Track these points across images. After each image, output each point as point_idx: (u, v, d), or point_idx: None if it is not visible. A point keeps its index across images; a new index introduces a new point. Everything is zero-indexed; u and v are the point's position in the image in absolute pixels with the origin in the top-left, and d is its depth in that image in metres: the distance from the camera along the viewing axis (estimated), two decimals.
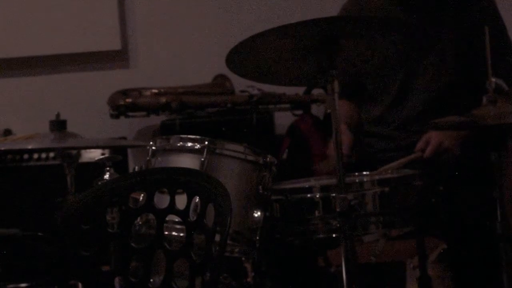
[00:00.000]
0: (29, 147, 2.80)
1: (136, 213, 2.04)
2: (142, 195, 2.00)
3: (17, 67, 3.82)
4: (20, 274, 2.91)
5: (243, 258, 2.40)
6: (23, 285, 2.92)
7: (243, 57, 2.20)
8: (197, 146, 2.28)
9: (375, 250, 2.44)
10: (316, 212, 2.28)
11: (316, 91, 3.63)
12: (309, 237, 2.33)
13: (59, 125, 2.64)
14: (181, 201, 1.90)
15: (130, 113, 3.65)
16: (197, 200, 1.89)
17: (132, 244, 1.96)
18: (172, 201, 1.90)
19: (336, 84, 2.12)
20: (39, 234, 2.56)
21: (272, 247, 2.39)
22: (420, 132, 2.64)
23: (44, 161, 3.45)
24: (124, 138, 3.67)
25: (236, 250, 2.29)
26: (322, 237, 2.30)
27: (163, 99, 3.62)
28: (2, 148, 3.13)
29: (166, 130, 3.49)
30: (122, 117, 3.65)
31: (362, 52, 2.23)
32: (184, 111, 3.60)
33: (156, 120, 3.67)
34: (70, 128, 2.69)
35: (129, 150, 3.59)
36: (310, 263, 2.59)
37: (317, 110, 3.66)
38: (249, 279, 2.49)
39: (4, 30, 3.71)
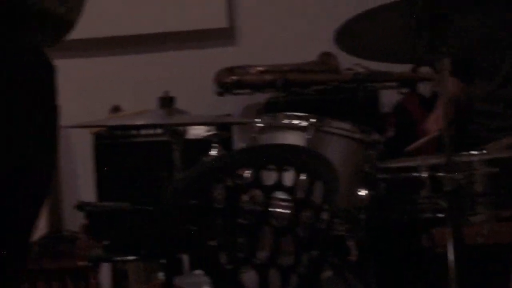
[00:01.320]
0: (139, 123, 2.84)
1: (243, 189, 2.06)
2: (249, 171, 2.02)
3: (127, 45, 3.89)
4: (127, 247, 2.97)
5: (347, 236, 2.39)
6: (131, 258, 2.98)
7: (352, 34, 2.18)
8: (304, 123, 2.28)
9: (482, 231, 2.39)
10: (423, 192, 2.25)
11: (423, 69, 3.57)
12: (415, 217, 2.30)
13: (167, 102, 2.67)
14: (288, 178, 1.90)
15: (236, 91, 3.67)
16: (305, 177, 1.89)
17: (239, 220, 1.98)
18: (280, 178, 1.91)
19: (446, 62, 2.09)
20: (148, 208, 2.60)
21: (376, 226, 2.38)
22: None
23: (151, 137, 3.51)
24: (229, 115, 3.70)
25: (341, 228, 2.29)
26: (428, 216, 2.27)
27: (268, 77, 3.62)
28: (112, 124, 3.19)
29: (271, 108, 3.49)
30: (227, 95, 3.68)
31: (474, 28, 2.18)
32: (289, 89, 3.60)
33: (260, 97, 3.68)
34: (177, 105, 2.72)
35: (234, 127, 3.61)
36: (415, 243, 2.56)
37: (423, 88, 3.61)
38: (352, 258, 2.48)
39: (114, 9, 3.77)
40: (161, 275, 2.68)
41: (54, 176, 1.14)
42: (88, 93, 3.77)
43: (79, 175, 3.82)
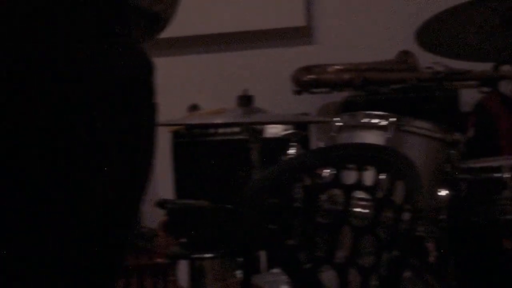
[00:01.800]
0: (217, 121, 2.86)
1: (322, 189, 2.05)
2: (329, 170, 2.01)
3: (204, 44, 3.92)
4: (205, 244, 2.98)
5: (426, 237, 2.36)
6: (208, 255, 3.00)
7: (433, 32, 2.16)
8: (383, 122, 2.26)
9: None
10: (505, 193, 2.21)
11: (505, 67, 3.50)
12: (496, 218, 2.26)
13: (246, 101, 2.68)
14: (368, 177, 1.89)
15: (313, 89, 3.66)
16: (385, 176, 1.87)
17: (318, 219, 1.97)
18: (360, 177, 1.90)
19: None
20: (228, 206, 2.62)
21: (457, 227, 2.35)
22: None
23: (229, 135, 3.52)
24: (306, 114, 3.69)
25: (420, 228, 2.26)
26: (510, 218, 2.24)
27: (346, 76, 3.60)
28: (191, 122, 3.22)
29: (349, 107, 3.47)
30: (304, 93, 3.67)
31: None
32: (367, 88, 3.57)
33: (338, 96, 3.67)
34: (254, 103, 2.73)
35: (311, 126, 3.61)
36: (496, 245, 2.52)
37: (505, 87, 3.54)
38: (431, 259, 2.45)
39: (194, 8, 3.80)
40: (238, 273, 2.69)
41: (151, 175, 1.15)
42: (167, 92, 3.79)
43: (157, 173, 3.86)
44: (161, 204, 2.74)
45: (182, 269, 3.30)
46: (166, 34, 1.37)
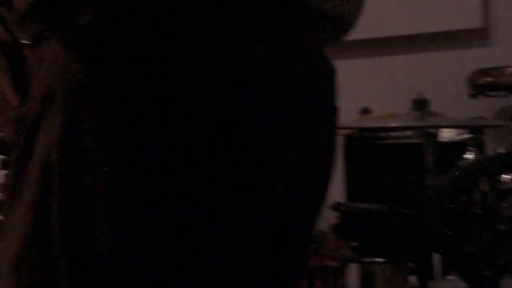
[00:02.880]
0: (392, 125, 2.85)
1: (503, 195, 2.00)
2: (509, 176, 1.96)
3: (378, 47, 3.90)
4: (377, 249, 2.96)
5: None
6: (379, 259, 2.98)
7: None
8: None
9: None
10: None
11: None
12: None
13: (421, 104, 2.65)
14: None
15: (489, 93, 3.56)
16: None
17: (500, 227, 1.92)
18: None
19: None
20: (405, 211, 2.59)
21: None
22: None
23: (401, 139, 3.49)
24: (482, 118, 3.60)
25: None
26: None
27: None
28: (363, 126, 3.21)
29: None
30: (480, 97, 3.58)
31: None
32: None
33: None
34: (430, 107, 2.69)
35: (486, 131, 3.51)
36: None
37: None
38: None
39: (367, 11, 3.79)
40: (413, 279, 2.66)
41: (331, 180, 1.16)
42: (339, 95, 3.81)
43: None
44: (336, 207, 2.75)
45: (352, 273, 3.30)
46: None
